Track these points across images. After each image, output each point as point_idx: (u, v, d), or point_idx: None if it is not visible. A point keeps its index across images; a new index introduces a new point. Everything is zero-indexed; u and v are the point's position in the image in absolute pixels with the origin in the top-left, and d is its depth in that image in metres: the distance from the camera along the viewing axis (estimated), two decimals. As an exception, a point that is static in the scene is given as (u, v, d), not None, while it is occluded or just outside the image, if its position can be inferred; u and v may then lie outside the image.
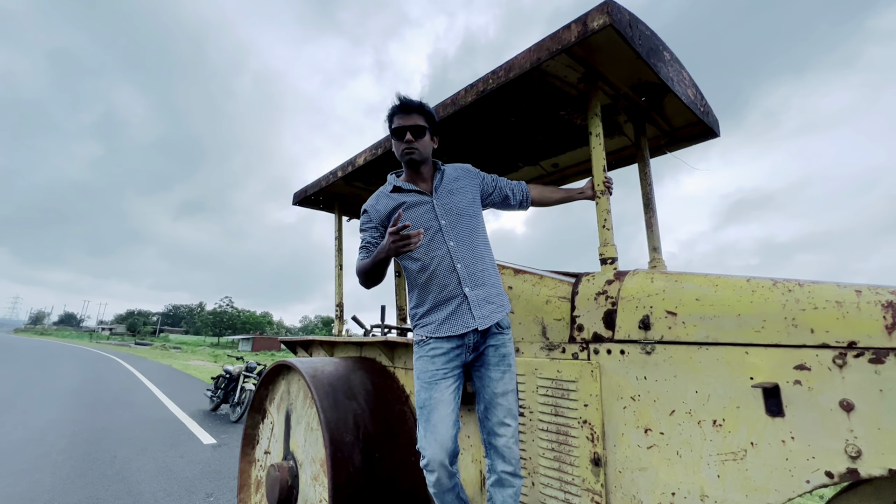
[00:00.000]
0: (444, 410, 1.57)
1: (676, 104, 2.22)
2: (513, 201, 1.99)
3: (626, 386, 1.54)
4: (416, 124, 1.73)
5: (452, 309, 1.66)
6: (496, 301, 1.70)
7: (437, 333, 1.65)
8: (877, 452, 1.05)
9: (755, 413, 1.25)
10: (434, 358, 1.64)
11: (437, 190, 1.78)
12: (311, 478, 2.27)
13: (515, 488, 1.58)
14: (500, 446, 1.60)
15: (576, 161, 2.94)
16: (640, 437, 1.48)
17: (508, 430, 1.60)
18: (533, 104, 2.31)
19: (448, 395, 1.59)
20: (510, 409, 1.62)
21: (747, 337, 1.29)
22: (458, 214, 1.74)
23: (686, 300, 1.44)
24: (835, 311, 1.16)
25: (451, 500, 1.61)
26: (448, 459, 1.53)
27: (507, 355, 1.68)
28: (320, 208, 3.75)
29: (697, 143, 2.49)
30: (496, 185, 1.95)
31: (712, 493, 1.30)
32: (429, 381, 1.62)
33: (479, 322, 1.63)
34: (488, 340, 1.67)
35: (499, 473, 1.59)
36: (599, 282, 1.70)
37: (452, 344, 1.64)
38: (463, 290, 1.66)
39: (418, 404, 1.63)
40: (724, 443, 1.29)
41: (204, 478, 4.58)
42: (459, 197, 1.78)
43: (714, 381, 1.33)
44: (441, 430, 1.54)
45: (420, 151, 1.75)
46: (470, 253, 1.71)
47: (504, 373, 1.65)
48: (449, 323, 1.64)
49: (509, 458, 1.59)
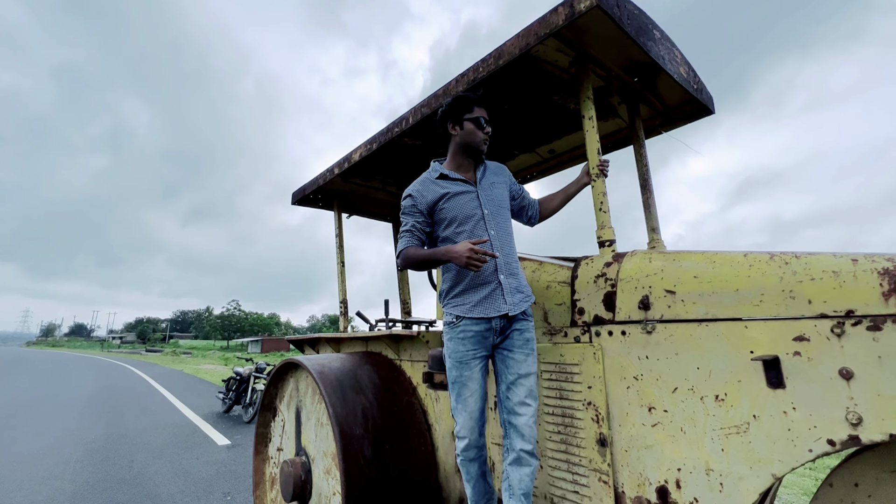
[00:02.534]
0: (473, 386, 1.73)
1: (669, 83, 2.20)
2: (524, 216, 2.08)
3: (628, 366, 1.55)
4: (486, 117, 1.87)
5: (487, 293, 1.75)
6: (525, 291, 1.81)
7: (470, 314, 1.74)
8: (877, 418, 1.06)
9: (756, 386, 1.26)
10: (465, 340, 1.74)
11: (480, 181, 1.89)
12: (324, 472, 2.31)
13: (532, 467, 1.62)
14: (520, 425, 1.64)
15: (572, 146, 2.93)
16: (645, 416, 1.49)
17: (529, 410, 1.65)
18: (525, 90, 2.30)
19: (477, 373, 1.74)
20: (531, 390, 1.68)
21: (746, 311, 1.30)
22: (498, 206, 1.86)
23: (684, 278, 1.44)
24: (832, 280, 1.16)
25: (476, 470, 1.75)
26: (478, 429, 1.72)
27: (530, 340, 1.75)
28: (319, 206, 3.77)
29: (692, 122, 2.47)
30: (522, 194, 2.04)
31: (717, 466, 1.32)
32: (459, 361, 1.75)
33: (510, 308, 1.73)
34: (514, 325, 1.75)
35: (518, 452, 1.63)
36: (598, 265, 1.71)
37: (482, 327, 1.73)
38: (499, 276, 1.76)
39: (450, 380, 1.78)
40: (726, 417, 1.31)
41: (220, 478, 4.65)
42: (500, 191, 1.90)
43: (715, 357, 1.34)
44: (471, 403, 1.72)
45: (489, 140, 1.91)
46: (507, 243, 1.83)
47: (528, 356, 1.72)
48: (483, 305, 1.74)
49: (529, 437, 1.63)
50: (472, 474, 1.78)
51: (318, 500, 2.34)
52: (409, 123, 2.37)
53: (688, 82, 2.18)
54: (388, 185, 3.63)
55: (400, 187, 3.67)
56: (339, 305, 3.41)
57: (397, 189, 3.71)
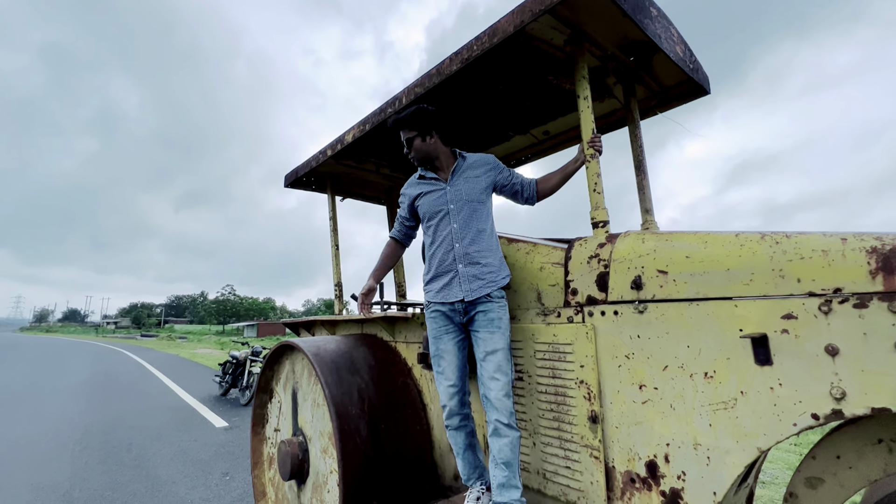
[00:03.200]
0: (449, 358, 1.87)
1: (665, 62, 2.18)
2: (520, 198, 2.10)
3: (620, 345, 1.57)
4: (406, 137, 2.04)
5: (447, 281, 1.92)
6: (486, 278, 1.87)
7: (434, 299, 1.94)
8: (860, 393, 1.09)
9: (744, 363, 1.28)
10: (435, 318, 1.94)
11: (452, 178, 2.01)
12: (321, 451, 2.34)
13: (510, 438, 1.67)
14: (492, 398, 1.72)
15: (567, 127, 2.91)
16: (635, 393, 1.52)
17: (497, 384, 1.71)
18: (520, 70, 2.27)
19: (452, 345, 1.88)
20: (499, 366, 1.74)
21: (736, 290, 1.31)
22: (465, 201, 1.96)
23: (677, 258, 1.45)
24: (821, 259, 1.18)
25: (462, 441, 1.85)
26: (458, 398, 1.85)
27: (494, 319, 1.81)
28: (313, 189, 3.73)
29: (688, 102, 2.46)
30: (511, 180, 2.08)
31: (704, 441, 1.35)
32: (435, 337, 1.92)
33: (465, 294, 1.86)
34: (478, 307, 1.85)
35: (494, 423, 1.70)
36: (592, 245, 1.72)
37: (446, 308, 1.91)
38: (456, 266, 1.90)
39: (431, 355, 1.95)
40: (715, 393, 1.34)
41: (219, 459, 4.72)
42: (471, 184, 1.99)
43: (705, 335, 1.37)
44: (449, 373, 1.87)
45: (417, 155, 2.05)
46: (469, 236, 1.92)
47: (492, 333, 1.79)
48: (443, 292, 1.92)
49: (501, 409, 1.69)
50: (460, 445, 1.87)
51: (315, 478, 2.38)
52: (403, 103, 2.33)
53: (684, 62, 2.16)
54: (382, 167, 3.60)
55: (394, 170, 3.64)
56: (334, 289, 3.42)
57: (391, 171, 3.68)
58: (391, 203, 4.07)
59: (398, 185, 3.95)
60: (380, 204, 4.17)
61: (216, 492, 3.80)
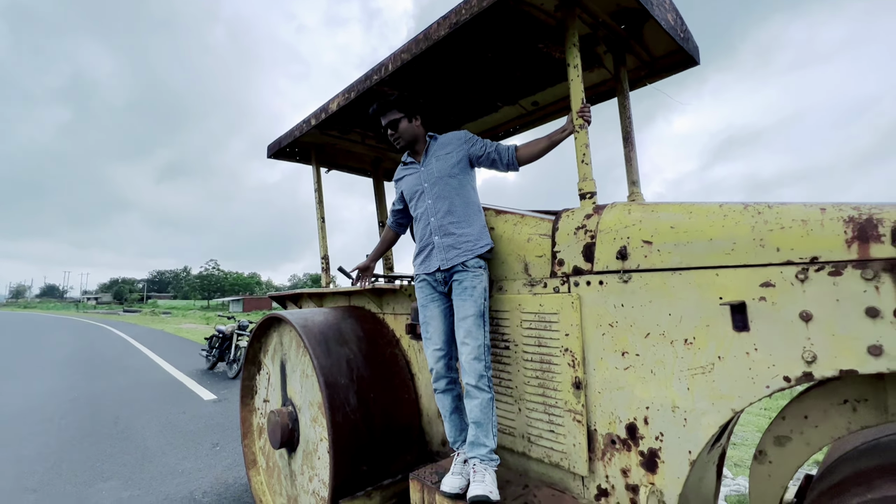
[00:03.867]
0: (435, 324, 1.98)
1: (656, 31, 2.15)
2: (500, 165, 2.09)
3: (604, 314, 1.61)
4: (391, 120, 2.08)
5: (427, 253, 2.04)
6: (462, 247, 1.94)
7: (418, 270, 2.07)
8: (830, 356, 1.14)
9: (723, 330, 1.33)
10: (421, 288, 2.05)
11: (425, 159, 2.11)
12: (311, 420, 2.38)
13: (480, 400, 1.75)
14: (463, 362, 1.82)
15: (556, 97, 2.87)
16: (618, 360, 1.57)
17: (467, 349, 1.80)
18: (510, 37, 2.22)
19: (437, 312, 1.99)
20: (469, 331, 1.82)
21: (718, 260, 1.34)
22: (437, 177, 2.04)
23: (661, 229, 1.47)
24: (800, 229, 1.21)
25: (449, 404, 1.94)
26: (443, 361, 1.94)
27: (467, 287, 1.88)
28: (297, 160, 3.65)
29: (678, 73, 2.44)
30: (485, 150, 2.09)
31: (682, 403, 1.41)
32: (422, 304, 2.03)
33: (441, 263, 1.96)
34: (454, 276, 1.94)
35: (465, 385, 1.81)
36: (579, 217, 1.73)
37: (429, 279, 2.02)
38: (433, 238, 2.00)
39: (420, 322, 2.05)
40: (693, 359, 1.39)
41: (208, 430, 4.77)
42: (442, 162, 2.06)
43: (686, 304, 1.40)
44: (435, 338, 1.97)
45: (403, 137, 2.11)
46: (443, 208, 2.00)
47: (464, 301, 1.86)
48: (424, 263, 2.04)
49: (471, 373, 1.78)
50: (447, 408, 1.95)
51: (305, 446, 2.43)
52: (389, 71, 2.27)
53: (675, 30, 2.13)
54: (368, 138, 3.52)
55: (380, 140, 3.57)
56: (321, 261, 3.39)
57: (377, 142, 3.61)
58: (377, 175, 4.01)
59: (384, 156, 3.89)
60: (366, 176, 4.10)
61: (206, 462, 3.86)
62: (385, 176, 4.05)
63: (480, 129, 3.36)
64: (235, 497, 3.16)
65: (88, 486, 3.43)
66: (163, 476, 3.57)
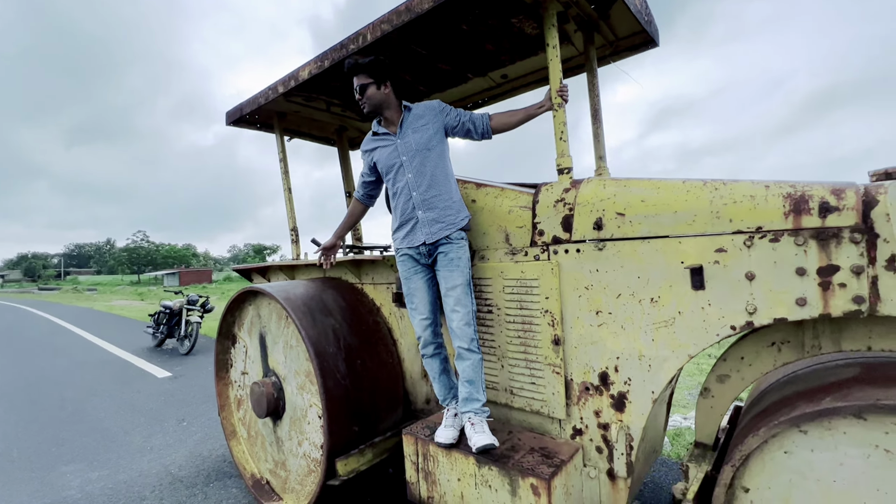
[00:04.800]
0: (420, 294, 2.08)
1: (623, 13, 2.28)
2: (475, 134, 2.15)
3: (581, 278, 1.80)
4: (361, 84, 2.07)
5: (410, 228, 2.07)
6: (445, 221, 2.02)
7: (401, 245, 2.11)
8: (767, 308, 1.40)
9: (683, 289, 1.56)
10: (404, 261, 2.11)
11: (401, 130, 2.09)
12: (297, 388, 2.46)
13: (471, 361, 1.92)
14: (454, 328, 1.94)
15: (525, 71, 2.96)
16: (593, 318, 1.78)
17: (458, 315, 1.93)
18: (485, 11, 2.25)
19: (421, 284, 2.08)
20: (459, 299, 1.95)
21: (681, 230, 1.56)
22: (416, 150, 2.05)
23: (633, 202, 1.66)
24: (749, 203, 1.43)
25: (437, 366, 2.09)
26: (430, 329, 2.07)
27: (454, 259, 1.99)
28: (257, 128, 3.50)
29: (639, 53, 2.61)
30: (459, 120, 2.13)
31: (647, 352, 1.65)
32: (406, 278, 2.11)
33: (426, 237, 2.02)
34: (439, 249, 2.03)
35: (457, 348, 1.95)
36: (557, 190, 1.88)
37: (412, 252, 2.08)
38: (416, 213, 2.04)
39: (404, 293, 2.13)
40: (658, 314, 1.62)
41: (169, 407, 4.66)
42: (420, 134, 2.07)
43: (653, 268, 1.62)
44: (421, 308, 2.07)
45: (370, 103, 2.09)
46: (425, 183, 2.04)
47: (452, 272, 1.98)
48: (408, 238, 2.08)
49: (463, 337, 1.92)
50: (436, 371, 2.10)
51: (292, 413, 2.51)
52: (367, 41, 2.24)
53: (640, 13, 2.27)
54: (333, 105, 3.44)
55: (346, 108, 3.50)
56: (291, 233, 3.35)
57: (342, 110, 3.54)
58: (342, 143, 3.94)
59: (349, 124, 3.82)
60: (330, 144, 4.02)
61: (176, 437, 3.81)
62: (350, 145, 3.98)
63: (449, 100, 3.39)
64: (214, 468, 3.20)
65: (49, 469, 3.30)
66: (131, 454, 3.50)
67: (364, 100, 2.08)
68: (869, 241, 1.26)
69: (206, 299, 8.00)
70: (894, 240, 1.23)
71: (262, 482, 2.79)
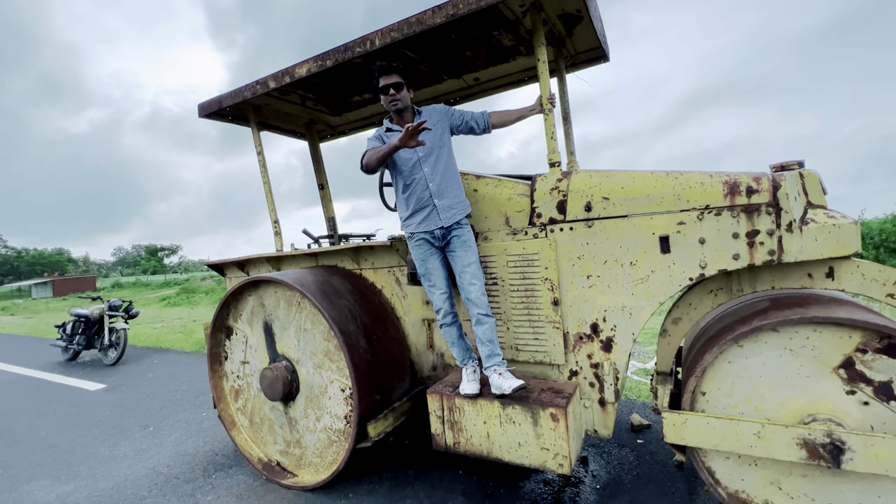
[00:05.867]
0: (437, 273, 2.39)
1: (585, 33, 2.76)
2: (477, 130, 2.52)
3: (574, 251, 2.26)
4: (396, 82, 2.30)
5: (427, 214, 2.35)
6: (457, 207, 2.37)
7: (418, 229, 2.37)
8: (713, 262, 1.96)
9: (654, 254, 2.08)
10: (420, 245, 2.39)
11: None
12: (314, 368, 2.63)
13: (488, 324, 2.29)
14: (472, 298, 2.29)
15: (496, 76, 3.35)
16: (584, 281, 2.25)
17: (475, 287, 2.30)
18: (474, 23, 2.59)
19: (437, 264, 2.39)
20: (475, 274, 2.31)
21: (652, 209, 2.07)
22: (430, 147, 2.35)
23: (615, 189, 2.15)
24: (700, 188, 1.98)
25: (455, 332, 2.42)
26: (448, 301, 2.38)
27: (467, 240, 2.35)
28: (229, 120, 3.47)
29: (595, 65, 3.14)
30: (463, 119, 2.49)
31: (628, 304, 2.16)
32: (422, 260, 2.40)
33: (444, 222, 2.34)
34: (452, 232, 2.35)
35: (476, 316, 2.29)
36: (551, 180, 2.31)
37: (428, 235, 2.36)
38: (433, 201, 2.33)
39: (422, 273, 2.42)
40: (636, 274, 2.13)
41: (122, 417, 4.38)
42: (432, 134, 2.35)
43: (631, 239, 2.12)
44: (439, 284, 2.39)
45: (402, 102, 2.35)
46: (439, 175, 2.35)
47: (466, 251, 2.33)
48: (425, 223, 2.35)
49: (480, 305, 2.28)
50: (454, 336, 2.42)
51: (308, 392, 2.68)
52: (375, 45, 2.45)
53: (601, 34, 2.78)
54: (308, 99, 3.53)
55: (319, 101, 3.60)
56: (273, 225, 3.40)
57: (315, 104, 3.64)
58: (312, 136, 4.02)
59: (319, 118, 3.92)
60: (298, 137, 4.07)
61: (148, 442, 3.67)
62: (319, 138, 4.07)
63: (423, 98, 3.67)
64: (208, 462, 3.19)
65: (10, 490, 3.03)
66: (103, 464, 3.33)
67: (398, 97, 2.31)
68: (776, 213, 1.86)
69: (130, 304, 7.33)
70: (791, 211, 1.84)
71: (273, 464, 2.91)
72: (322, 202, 4.08)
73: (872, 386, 1.69)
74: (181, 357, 6.95)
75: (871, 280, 1.91)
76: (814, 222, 1.84)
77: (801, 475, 1.83)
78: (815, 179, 1.94)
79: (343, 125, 4.09)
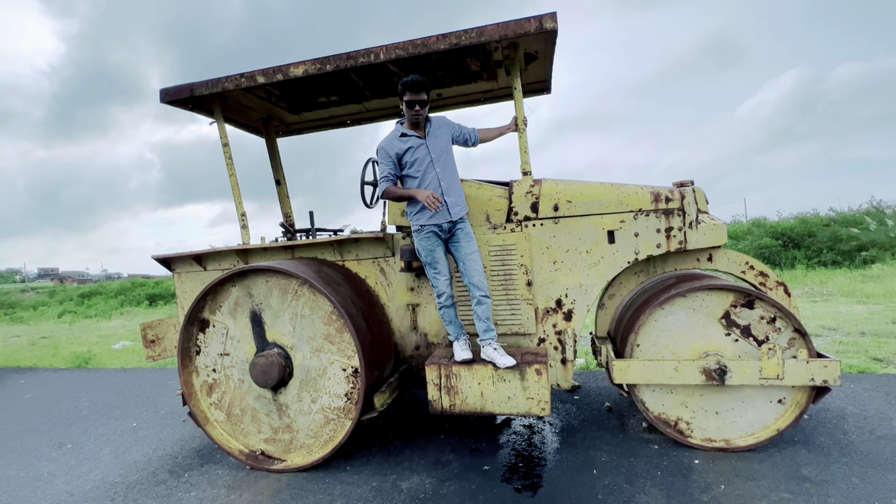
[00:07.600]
0: (443, 261, 2.76)
1: (538, 67, 3.42)
2: (469, 143, 2.97)
3: (544, 242, 2.86)
4: (423, 99, 2.62)
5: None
6: (462, 204, 2.79)
7: (429, 222, 2.70)
8: (644, 250, 2.73)
9: (603, 244, 2.78)
10: (429, 237, 2.73)
11: (428, 135, 2.74)
12: (312, 351, 2.77)
13: (487, 304, 2.76)
14: (475, 282, 2.73)
15: (457, 94, 3.84)
16: (551, 266, 2.86)
17: (478, 272, 2.74)
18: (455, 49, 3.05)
19: (442, 254, 2.77)
20: (477, 260, 2.75)
21: (603, 210, 2.77)
22: (441, 151, 2.75)
23: (576, 194, 2.81)
24: (635, 195, 2.74)
25: (453, 312, 2.81)
26: (450, 285, 2.76)
27: (469, 233, 2.79)
28: (190, 108, 3.34)
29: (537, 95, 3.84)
30: (462, 132, 2.92)
31: (584, 282, 2.83)
32: (430, 250, 2.74)
33: (453, 216, 2.72)
34: (457, 226, 2.76)
35: (477, 297, 2.73)
36: (526, 185, 2.88)
37: (436, 228, 2.72)
38: (444, 198, 2.70)
39: (427, 263, 2.76)
40: (591, 260, 2.81)
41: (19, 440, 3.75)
42: (441, 140, 2.77)
43: (588, 233, 2.80)
44: (444, 271, 2.76)
45: (425, 113, 2.70)
46: (449, 175, 2.76)
47: (469, 242, 2.77)
48: (436, 216, 2.70)
49: (482, 287, 2.73)
50: (452, 315, 2.81)
51: (304, 376, 2.80)
52: (380, 59, 2.75)
53: (549, 69, 3.46)
54: (274, 95, 3.58)
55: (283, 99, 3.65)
56: (240, 219, 3.37)
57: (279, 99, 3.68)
58: (269, 132, 4.01)
59: (277, 114, 3.95)
60: (253, 133, 4.02)
61: (76, 459, 3.27)
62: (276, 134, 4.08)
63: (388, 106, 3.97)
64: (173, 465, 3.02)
65: None
66: (28, 484, 2.90)
67: (424, 111, 2.65)
68: (683, 215, 2.70)
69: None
70: (691, 214, 2.69)
71: (256, 453, 2.92)
72: (279, 198, 4.09)
73: (740, 328, 2.59)
74: (58, 374, 5.91)
75: (732, 262, 2.87)
76: (703, 223, 2.71)
77: (700, 395, 2.67)
78: (702, 193, 2.85)
79: (299, 124, 4.17)
